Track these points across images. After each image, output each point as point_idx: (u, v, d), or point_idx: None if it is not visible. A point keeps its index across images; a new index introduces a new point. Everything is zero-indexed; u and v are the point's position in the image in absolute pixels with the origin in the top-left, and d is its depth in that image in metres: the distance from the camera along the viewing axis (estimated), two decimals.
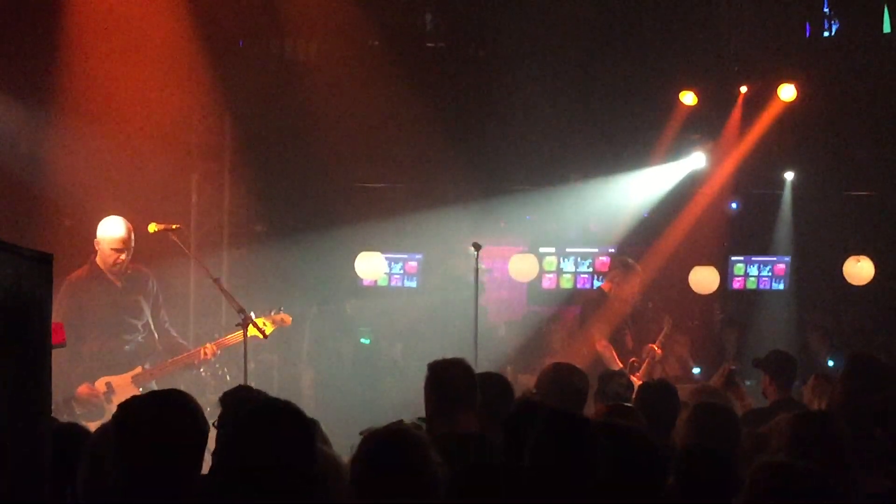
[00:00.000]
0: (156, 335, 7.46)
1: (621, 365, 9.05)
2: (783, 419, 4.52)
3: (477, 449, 4.45)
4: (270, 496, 3.13)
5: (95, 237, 7.38)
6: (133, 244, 7.41)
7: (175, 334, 7.76)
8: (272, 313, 7.54)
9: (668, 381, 6.10)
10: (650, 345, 9.59)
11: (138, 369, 7.23)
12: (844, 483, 4.03)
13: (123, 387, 7.12)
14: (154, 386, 7.34)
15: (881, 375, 5.72)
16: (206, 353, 7.45)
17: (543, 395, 5.50)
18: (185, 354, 7.48)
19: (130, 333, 7.32)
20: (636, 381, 8.15)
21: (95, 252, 7.39)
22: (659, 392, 5.52)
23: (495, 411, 4.79)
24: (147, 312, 7.43)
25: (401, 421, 4.60)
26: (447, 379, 4.80)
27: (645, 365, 9.40)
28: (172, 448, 3.25)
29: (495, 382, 5.12)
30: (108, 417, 6.54)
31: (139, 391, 7.03)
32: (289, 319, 7.64)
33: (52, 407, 3.39)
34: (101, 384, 7.11)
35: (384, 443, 3.43)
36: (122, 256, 7.33)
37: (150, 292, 7.53)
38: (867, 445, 4.57)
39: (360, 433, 3.57)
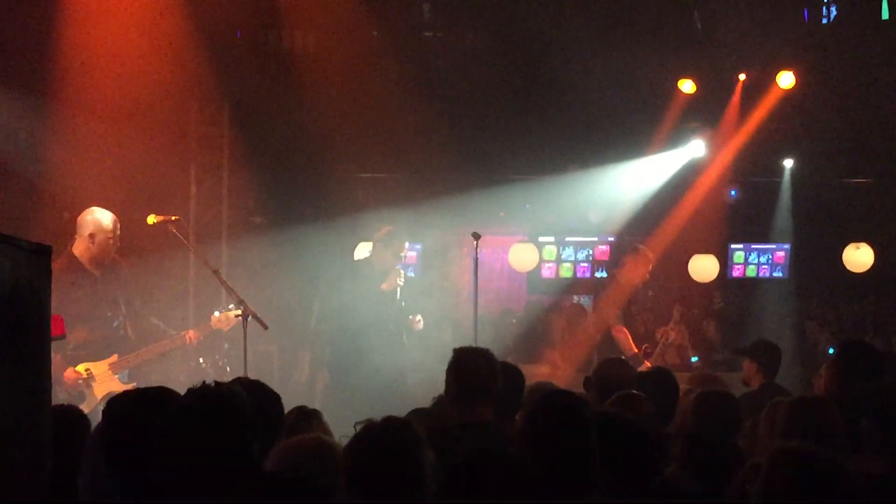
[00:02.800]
0: (128, 326, 7.45)
1: (637, 350, 9.06)
2: (779, 403, 4.54)
3: (491, 438, 4.46)
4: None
5: (85, 229, 7.33)
6: None
7: (156, 321, 7.76)
8: (226, 310, 7.61)
9: (667, 369, 6.10)
10: (663, 328, 9.57)
11: (114, 357, 7.26)
12: None
13: (101, 374, 7.17)
14: (150, 379, 7.36)
15: (871, 362, 5.72)
16: (190, 339, 7.46)
17: (594, 390, 5.50)
18: (163, 342, 7.47)
19: (108, 324, 7.32)
20: (648, 367, 8.17)
21: (71, 243, 7.36)
22: (658, 380, 5.53)
23: (508, 401, 4.82)
24: (122, 302, 7.43)
25: (415, 410, 4.65)
26: (469, 368, 4.82)
27: (658, 349, 9.39)
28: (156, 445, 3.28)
29: (510, 373, 5.12)
30: (88, 402, 6.70)
31: (116, 378, 7.12)
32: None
33: None
34: (81, 369, 7.15)
35: (375, 437, 3.44)
36: (116, 243, 7.37)
37: (127, 281, 7.54)
38: (857, 432, 4.58)
39: (355, 424, 3.58)
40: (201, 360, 9.65)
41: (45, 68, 9.15)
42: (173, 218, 7.56)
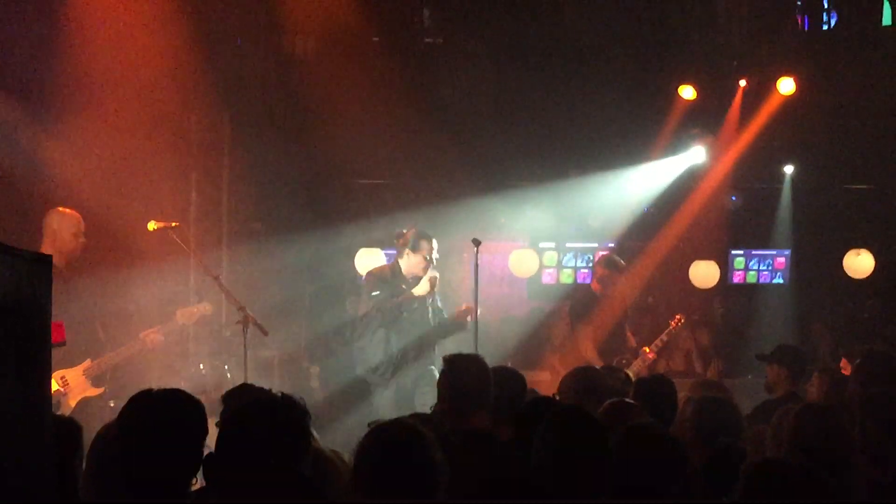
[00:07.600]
0: (99, 328, 7.48)
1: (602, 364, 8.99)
2: (788, 411, 4.54)
3: (485, 447, 4.45)
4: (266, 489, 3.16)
5: (49, 227, 7.39)
6: None
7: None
8: (194, 304, 7.66)
9: (665, 376, 6.09)
10: (644, 348, 9.44)
11: (87, 363, 7.25)
12: (846, 475, 4.05)
13: (75, 380, 7.15)
14: (149, 385, 7.35)
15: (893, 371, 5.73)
16: (151, 341, 7.49)
17: (566, 397, 5.46)
18: (128, 345, 7.49)
19: (80, 326, 7.31)
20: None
21: (41, 245, 7.38)
22: (655, 387, 5.51)
23: (508, 406, 4.79)
24: (95, 303, 7.44)
25: (414, 415, 4.63)
26: (462, 376, 4.79)
27: (634, 365, 9.22)
28: (173, 446, 3.31)
29: (510, 377, 5.09)
30: (64, 411, 6.71)
31: (89, 384, 7.12)
32: (209, 308, 7.73)
33: None
34: (57, 377, 7.13)
35: (388, 437, 3.44)
36: (81, 239, 7.42)
37: (103, 281, 7.59)
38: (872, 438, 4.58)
39: (368, 424, 3.57)
40: (202, 365, 9.65)
41: (46, 74, 9.16)
42: (174, 224, 7.59)
